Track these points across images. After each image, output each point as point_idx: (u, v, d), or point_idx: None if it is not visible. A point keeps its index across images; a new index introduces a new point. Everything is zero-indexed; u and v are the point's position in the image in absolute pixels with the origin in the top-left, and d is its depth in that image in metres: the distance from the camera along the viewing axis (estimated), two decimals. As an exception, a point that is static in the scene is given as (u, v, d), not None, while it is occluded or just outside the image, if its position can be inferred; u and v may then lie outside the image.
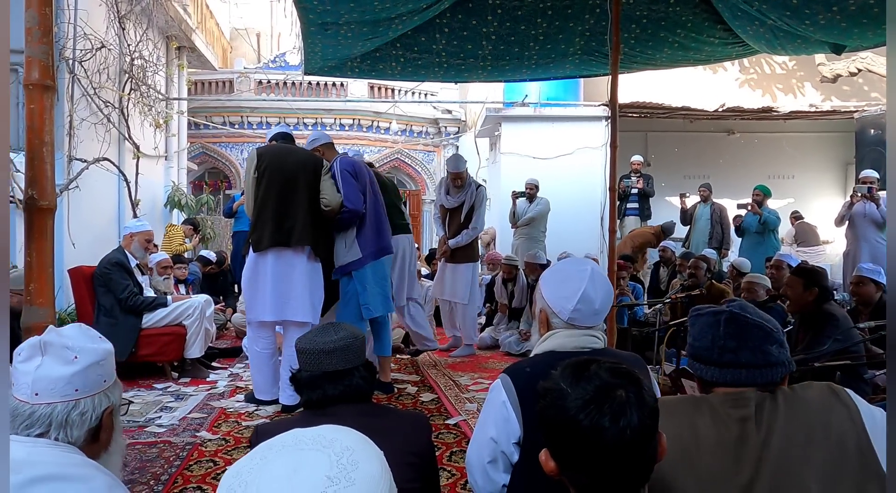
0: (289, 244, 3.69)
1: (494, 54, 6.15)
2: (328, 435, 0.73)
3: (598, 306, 1.60)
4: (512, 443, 1.52)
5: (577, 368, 1.01)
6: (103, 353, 1.22)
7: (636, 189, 8.74)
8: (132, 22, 7.64)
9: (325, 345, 1.54)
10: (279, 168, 3.74)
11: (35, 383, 1.14)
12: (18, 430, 1.12)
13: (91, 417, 1.17)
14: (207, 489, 2.62)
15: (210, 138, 14.09)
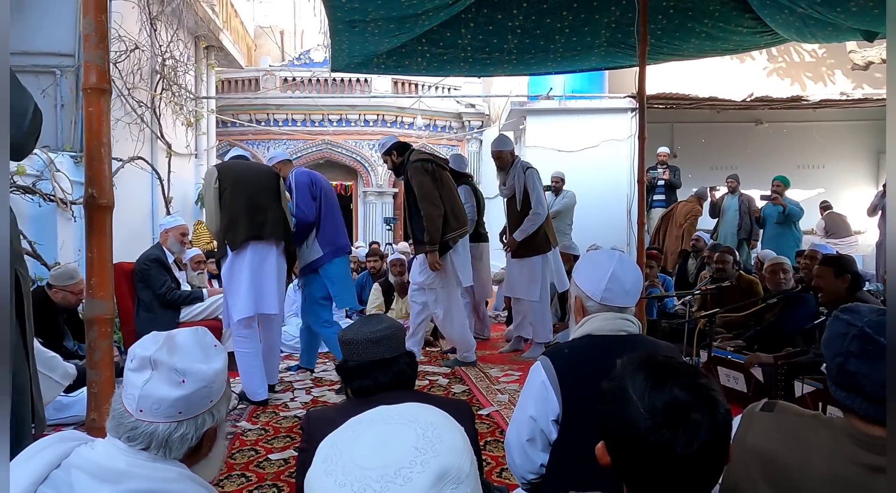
0: (262, 237, 3.87)
1: (520, 48, 6.17)
2: (412, 411, 0.78)
3: (628, 287, 1.68)
4: (551, 420, 1.59)
5: (649, 376, 0.94)
6: (213, 375, 1.17)
7: (663, 181, 8.69)
8: (163, 23, 7.80)
9: (372, 334, 1.61)
10: (242, 176, 3.95)
11: (141, 399, 1.12)
12: (122, 437, 1.13)
13: (192, 438, 1.16)
14: (251, 475, 2.71)
15: (237, 136, 14.29)
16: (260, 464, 2.86)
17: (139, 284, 4.56)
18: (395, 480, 0.68)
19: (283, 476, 2.70)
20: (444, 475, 0.69)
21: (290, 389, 4.25)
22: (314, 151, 14.90)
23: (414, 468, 0.69)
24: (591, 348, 1.64)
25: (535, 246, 5.19)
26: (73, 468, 1.09)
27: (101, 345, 1.67)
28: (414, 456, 0.70)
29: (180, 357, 1.15)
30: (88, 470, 1.09)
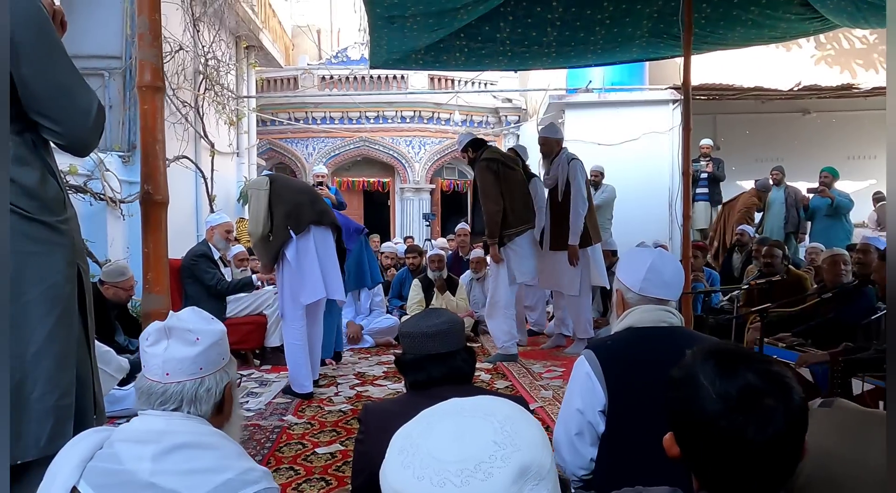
0: (323, 223, 3.96)
1: (559, 40, 6.11)
2: (488, 404, 0.77)
3: (667, 278, 1.69)
4: (598, 411, 1.59)
5: (721, 362, 0.92)
6: (219, 333, 1.32)
7: (706, 173, 8.51)
8: (205, 24, 7.95)
9: (429, 328, 1.61)
10: (291, 180, 4.20)
11: (165, 363, 1.24)
12: (154, 406, 1.23)
13: (215, 392, 1.27)
14: (299, 469, 2.75)
15: (276, 134, 14.49)
16: (307, 458, 2.89)
17: (187, 279, 4.66)
18: (476, 475, 0.66)
19: (331, 470, 2.73)
20: (525, 470, 0.68)
21: (334, 383, 4.30)
22: (352, 148, 15.02)
23: (494, 462, 0.67)
24: (634, 339, 1.66)
25: None
26: (116, 442, 1.19)
27: (158, 338, 1.70)
28: (493, 451, 0.68)
29: (188, 322, 1.29)
30: (131, 438, 1.19)
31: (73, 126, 1.51)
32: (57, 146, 1.56)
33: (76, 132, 1.52)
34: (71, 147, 1.55)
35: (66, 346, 1.49)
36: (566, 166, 5.13)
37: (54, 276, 1.47)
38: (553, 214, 5.22)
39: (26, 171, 1.45)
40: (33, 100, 1.45)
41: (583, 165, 5.25)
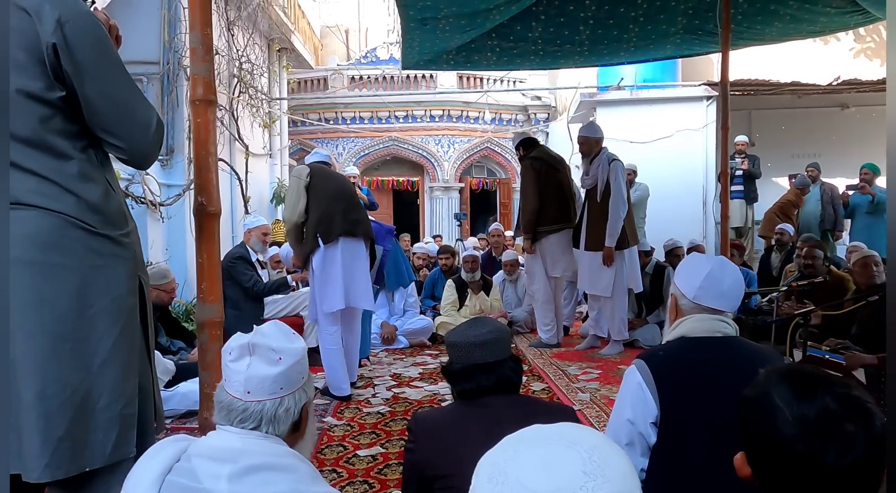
0: (355, 234, 3.94)
1: (592, 39, 6.07)
2: (572, 432, 0.76)
3: (724, 288, 1.65)
4: (649, 423, 1.57)
5: (797, 385, 0.90)
6: (300, 352, 1.31)
7: (741, 171, 8.36)
8: (239, 28, 8.06)
9: (476, 338, 1.61)
10: (333, 178, 4.13)
11: (247, 382, 1.24)
12: (234, 423, 1.24)
13: (294, 411, 1.27)
14: (342, 471, 2.78)
15: (307, 135, 14.63)
16: (349, 460, 2.92)
17: (226, 281, 4.73)
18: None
19: (373, 473, 2.76)
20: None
21: (371, 385, 4.34)
22: (381, 147, 15.09)
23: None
24: (687, 349, 1.63)
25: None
26: (193, 457, 1.19)
27: (212, 347, 1.75)
28: (584, 481, 0.68)
29: (272, 340, 1.28)
30: (208, 455, 1.19)
31: (135, 141, 1.55)
32: (119, 160, 1.60)
33: (138, 147, 1.56)
34: (132, 161, 1.59)
35: (130, 356, 1.53)
36: (607, 167, 5.06)
37: (118, 288, 1.52)
38: (590, 215, 5.17)
39: (90, 187, 1.49)
40: (96, 117, 1.49)
41: (623, 166, 5.21)
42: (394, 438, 3.21)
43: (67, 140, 1.47)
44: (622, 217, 4.99)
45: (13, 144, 1.40)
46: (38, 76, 1.40)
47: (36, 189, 1.42)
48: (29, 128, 1.41)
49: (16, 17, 1.38)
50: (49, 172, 1.44)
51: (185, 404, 3.55)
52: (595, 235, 5.08)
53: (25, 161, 1.41)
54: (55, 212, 1.43)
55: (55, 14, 1.39)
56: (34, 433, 1.39)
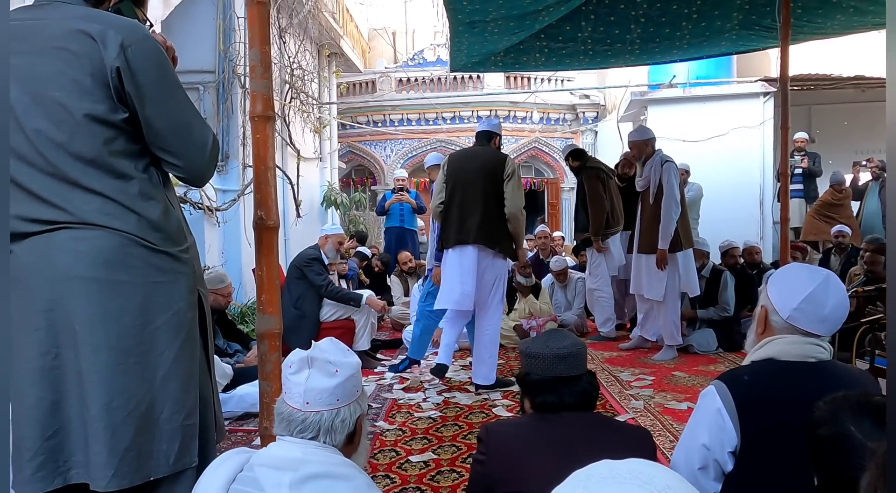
0: (467, 242, 4.10)
1: (643, 37, 5.95)
2: (644, 471, 0.75)
3: (826, 312, 1.48)
4: (727, 452, 1.47)
5: (879, 419, 0.86)
6: (356, 366, 1.38)
7: (800, 169, 8.08)
8: (291, 35, 8.22)
9: (559, 350, 1.59)
10: (462, 175, 4.18)
11: (306, 393, 1.31)
12: (293, 433, 1.31)
13: (349, 423, 1.33)
14: (395, 477, 2.80)
15: (355, 137, 14.81)
16: (401, 465, 2.94)
17: (296, 279, 4.84)
18: None
19: (426, 479, 2.76)
20: None
21: (422, 389, 4.35)
22: (428, 149, 15.14)
23: None
24: (775, 374, 1.49)
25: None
26: (256, 466, 1.25)
27: (271, 357, 1.78)
28: None
29: (329, 353, 1.36)
30: (270, 464, 1.25)
31: (193, 160, 1.59)
32: (177, 178, 1.65)
33: (195, 165, 1.60)
34: (190, 179, 1.64)
35: (190, 369, 1.58)
36: (659, 168, 5.01)
37: (178, 303, 1.56)
38: (644, 217, 5.13)
39: (151, 205, 1.54)
40: (156, 137, 1.53)
41: (676, 168, 5.12)
42: (445, 444, 3.21)
43: (129, 160, 1.52)
44: (675, 219, 4.90)
45: (79, 165, 1.45)
46: (103, 99, 1.45)
47: (101, 209, 1.47)
48: (94, 150, 1.46)
49: (83, 43, 1.43)
50: (112, 192, 1.49)
51: (242, 406, 3.63)
52: (648, 237, 5.03)
53: (90, 182, 1.46)
54: (118, 231, 1.48)
55: (118, 39, 1.44)
56: (101, 444, 1.44)
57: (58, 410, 1.44)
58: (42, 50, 1.43)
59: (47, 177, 1.44)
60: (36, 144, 1.43)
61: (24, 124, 1.43)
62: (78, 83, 1.43)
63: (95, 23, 1.45)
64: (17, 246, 1.46)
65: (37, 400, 1.43)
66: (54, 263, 1.44)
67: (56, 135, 1.43)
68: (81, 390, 1.44)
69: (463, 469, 2.85)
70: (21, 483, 1.44)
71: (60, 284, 1.44)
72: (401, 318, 6.50)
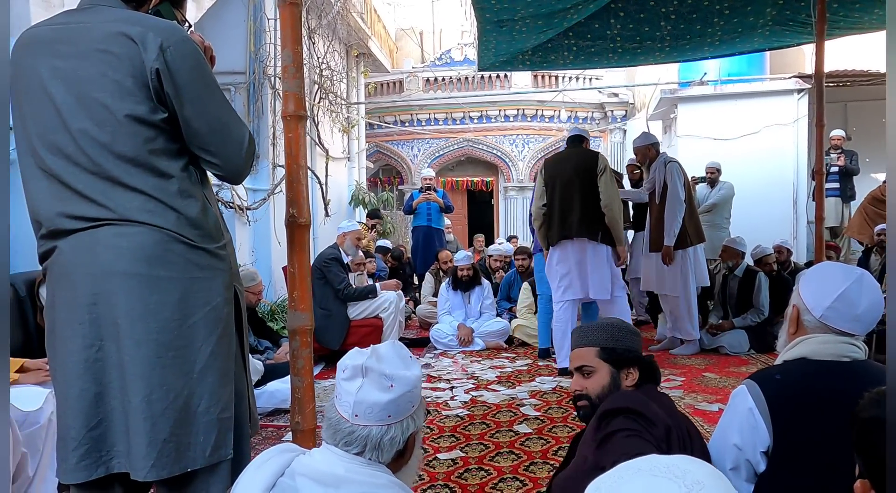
0: (571, 237, 4.41)
1: (673, 34, 5.89)
2: (682, 465, 0.75)
3: (859, 312, 1.45)
4: (759, 452, 1.46)
5: None
6: (415, 380, 1.28)
7: (837, 167, 7.90)
8: (320, 35, 8.30)
9: None
10: (559, 177, 4.51)
11: (356, 405, 1.22)
12: (339, 444, 1.24)
13: (399, 441, 1.25)
14: (423, 474, 2.81)
15: (383, 137, 14.89)
16: (430, 463, 2.95)
17: (317, 281, 4.90)
18: None
19: (454, 477, 2.77)
20: None
21: (449, 387, 4.36)
22: (455, 148, 15.17)
23: None
24: (808, 373, 1.46)
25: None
26: (297, 475, 1.20)
27: (302, 353, 1.81)
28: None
29: (387, 364, 1.25)
30: (311, 476, 1.19)
31: (230, 158, 1.62)
32: (215, 176, 1.68)
33: (232, 163, 1.63)
34: (227, 177, 1.67)
35: (226, 363, 1.61)
36: (663, 169, 5.15)
37: (216, 298, 1.59)
38: (653, 217, 5.27)
39: (190, 203, 1.57)
40: (195, 136, 1.57)
41: (680, 167, 5.20)
42: (473, 442, 3.22)
43: (169, 159, 1.55)
44: (679, 216, 5.03)
45: (121, 164, 1.49)
46: (144, 100, 1.49)
47: (142, 206, 1.51)
48: (135, 149, 1.50)
49: (124, 45, 1.47)
50: (153, 190, 1.52)
51: (273, 402, 3.69)
52: (658, 236, 5.16)
53: (132, 180, 1.50)
54: (159, 227, 1.52)
55: (158, 41, 1.48)
56: (141, 435, 1.48)
57: (101, 401, 1.49)
58: (85, 53, 1.48)
59: (91, 175, 1.49)
60: (80, 144, 1.48)
61: (69, 125, 1.48)
62: (119, 84, 1.47)
63: (136, 25, 1.49)
64: (63, 242, 1.51)
65: (81, 391, 1.47)
66: (98, 258, 1.49)
67: (99, 135, 1.48)
68: (123, 383, 1.48)
69: (491, 467, 2.86)
70: (66, 472, 1.49)
71: (103, 279, 1.48)
72: (428, 316, 6.53)
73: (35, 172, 1.52)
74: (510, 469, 2.83)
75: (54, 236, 1.53)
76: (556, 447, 3.10)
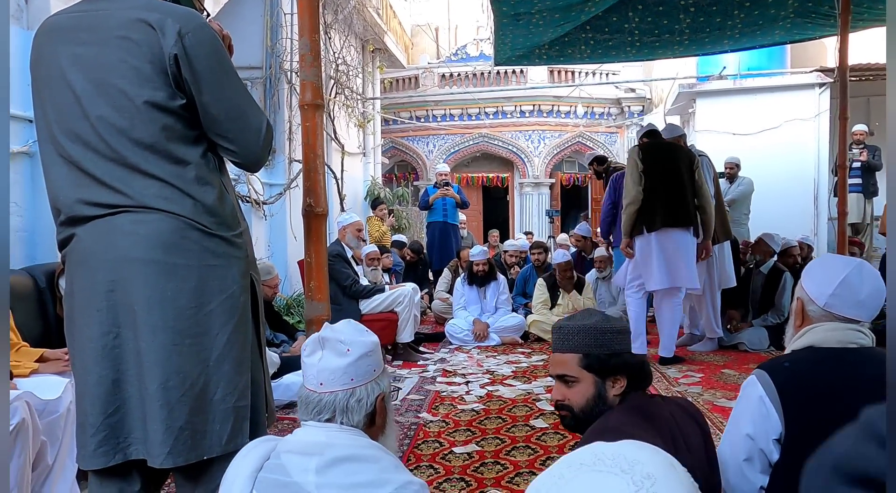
0: (675, 225, 4.44)
1: (693, 27, 5.82)
2: (631, 455, 0.67)
3: (862, 297, 1.47)
4: (772, 440, 1.45)
5: None
6: (371, 345, 1.35)
7: (859, 162, 7.77)
8: (336, 30, 8.31)
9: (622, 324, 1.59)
10: (662, 163, 4.50)
11: (319, 374, 1.31)
12: (311, 415, 1.31)
13: (366, 403, 1.32)
14: (438, 468, 2.80)
15: (398, 133, 14.90)
16: (445, 456, 2.94)
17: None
18: None
19: (469, 471, 2.76)
20: None
21: (465, 382, 4.35)
22: (471, 144, 15.14)
23: None
24: (816, 361, 1.47)
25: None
26: (283, 453, 1.25)
27: (319, 343, 1.80)
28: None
29: (342, 333, 1.35)
30: (295, 450, 1.25)
31: (247, 145, 1.61)
32: (233, 163, 1.67)
33: (250, 150, 1.62)
34: (245, 164, 1.66)
35: (242, 351, 1.60)
36: None
37: (232, 286, 1.58)
38: None
39: (207, 190, 1.56)
40: (213, 123, 1.56)
41: (710, 161, 5.08)
42: (489, 436, 3.20)
43: (186, 146, 1.55)
44: (710, 209, 4.80)
45: (139, 150, 1.49)
46: (162, 86, 1.49)
47: (159, 193, 1.51)
48: (153, 136, 1.49)
49: (143, 31, 1.47)
50: (170, 177, 1.52)
51: (288, 395, 3.69)
52: None
53: (150, 167, 1.50)
54: (175, 214, 1.52)
55: (176, 27, 1.47)
56: (158, 422, 1.47)
57: (119, 388, 1.49)
58: (105, 40, 1.48)
59: (109, 162, 1.48)
60: (99, 131, 1.47)
61: (88, 112, 1.48)
62: (138, 71, 1.47)
63: (155, 12, 1.48)
64: (81, 229, 1.51)
65: (99, 378, 1.48)
66: (115, 245, 1.48)
67: (118, 121, 1.47)
68: (140, 370, 1.48)
69: (507, 462, 2.84)
70: (84, 458, 1.49)
71: (121, 265, 1.48)
72: (443, 312, 6.52)
73: (55, 159, 1.53)
74: (526, 464, 2.81)
75: (73, 223, 1.53)
76: (572, 441, 3.07)
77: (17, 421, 1.99)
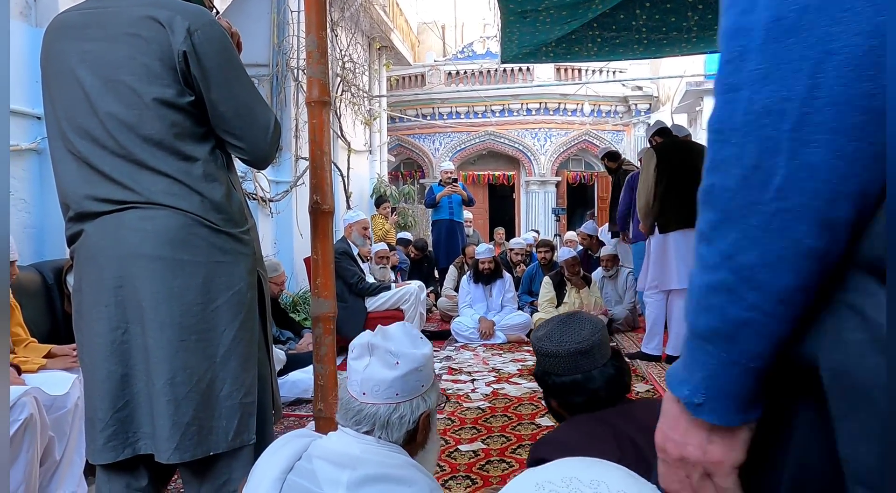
0: (690, 225, 4.30)
1: (701, 24, 5.79)
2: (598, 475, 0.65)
3: None
4: None
5: None
6: (422, 359, 1.26)
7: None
8: (342, 28, 8.31)
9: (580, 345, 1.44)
10: (676, 164, 4.52)
11: (363, 382, 1.24)
12: (350, 423, 1.25)
13: (409, 420, 1.24)
14: (444, 465, 2.81)
15: (404, 131, 14.90)
16: (451, 454, 2.95)
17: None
18: None
19: (475, 468, 2.76)
20: None
21: (471, 379, 4.35)
22: (477, 142, 15.13)
23: None
24: None
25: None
26: (314, 458, 1.19)
27: (325, 341, 1.80)
28: None
29: (393, 342, 1.26)
30: (328, 458, 1.19)
31: (255, 142, 1.62)
32: (240, 160, 1.68)
33: (258, 147, 1.63)
34: (253, 161, 1.66)
35: (249, 348, 1.61)
36: None
37: (239, 283, 1.59)
38: None
39: (215, 187, 1.57)
40: (221, 120, 1.57)
41: None
42: (494, 434, 3.21)
43: (195, 143, 1.55)
44: None
45: (148, 147, 1.49)
46: (171, 84, 1.49)
47: (167, 190, 1.51)
48: (162, 132, 1.50)
49: (152, 28, 1.47)
50: (178, 174, 1.52)
51: (295, 392, 3.70)
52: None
53: (157, 163, 1.51)
54: (183, 211, 1.52)
55: (185, 24, 1.47)
56: (165, 418, 1.48)
57: (127, 383, 1.50)
58: (114, 36, 1.48)
59: (118, 158, 1.49)
60: (108, 127, 1.48)
61: (97, 108, 1.48)
62: (147, 68, 1.47)
63: (164, 9, 1.49)
64: (89, 225, 1.52)
65: (108, 373, 1.48)
66: (123, 241, 1.49)
67: (127, 118, 1.48)
68: (147, 366, 1.49)
69: (513, 459, 2.84)
70: (94, 452, 1.50)
71: (128, 261, 1.49)
72: (448, 310, 6.52)
73: (64, 155, 1.53)
74: (532, 462, 2.82)
75: (81, 219, 1.54)
76: (578, 440, 3.07)
77: (25, 417, 2.01)
